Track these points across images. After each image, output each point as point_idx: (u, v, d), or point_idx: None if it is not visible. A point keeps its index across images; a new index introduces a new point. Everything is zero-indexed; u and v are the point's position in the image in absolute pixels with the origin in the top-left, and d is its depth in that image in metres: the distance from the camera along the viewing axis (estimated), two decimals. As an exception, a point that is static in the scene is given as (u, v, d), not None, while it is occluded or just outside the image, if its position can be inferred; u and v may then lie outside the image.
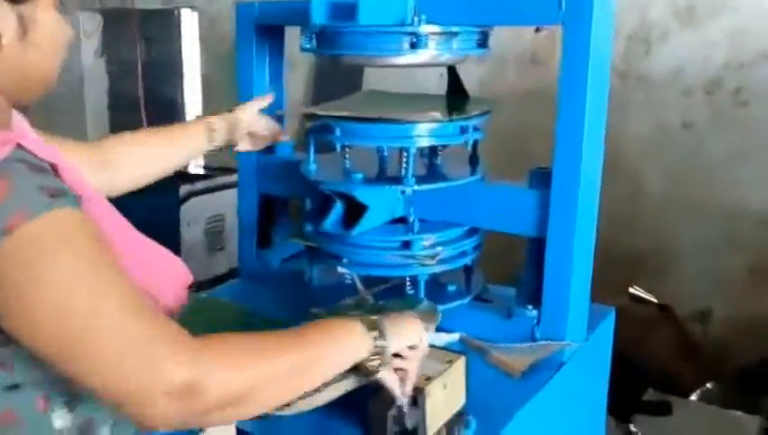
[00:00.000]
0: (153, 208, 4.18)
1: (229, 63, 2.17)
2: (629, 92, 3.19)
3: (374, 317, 1.17)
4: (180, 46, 4.83)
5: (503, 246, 1.86)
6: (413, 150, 1.57)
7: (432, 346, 1.32)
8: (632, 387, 2.59)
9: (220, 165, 4.08)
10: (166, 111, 5.06)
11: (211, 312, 1.81)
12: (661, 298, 2.95)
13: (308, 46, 1.61)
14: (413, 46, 1.52)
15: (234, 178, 3.55)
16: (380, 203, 1.59)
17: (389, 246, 1.63)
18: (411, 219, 1.65)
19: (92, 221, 0.94)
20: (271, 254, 1.99)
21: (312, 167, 1.70)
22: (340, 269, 1.63)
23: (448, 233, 1.66)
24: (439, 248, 1.64)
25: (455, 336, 1.61)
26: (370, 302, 1.58)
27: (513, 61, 3.41)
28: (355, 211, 1.55)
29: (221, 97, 3.96)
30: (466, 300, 1.71)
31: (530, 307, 1.60)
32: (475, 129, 1.64)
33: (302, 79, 4.12)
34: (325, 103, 1.77)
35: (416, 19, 1.50)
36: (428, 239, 1.64)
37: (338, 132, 1.59)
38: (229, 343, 0.98)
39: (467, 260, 1.71)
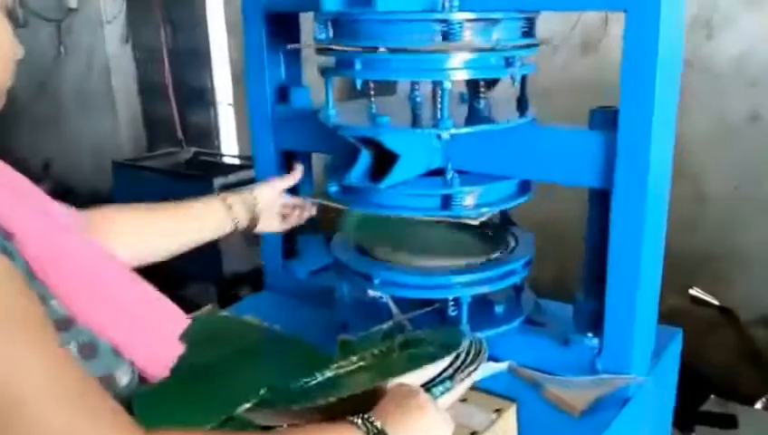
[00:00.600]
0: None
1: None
2: (690, 82, 2.91)
3: (378, 425, 0.93)
4: (207, 31, 4.67)
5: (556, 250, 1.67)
6: (447, 86, 1.32)
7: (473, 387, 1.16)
8: (693, 392, 2.44)
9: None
10: (195, 99, 4.91)
11: (234, 333, 1.65)
12: (724, 302, 2.75)
13: (322, 37, 1.39)
14: (445, 37, 1.30)
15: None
16: (413, 150, 1.38)
17: (426, 205, 1.43)
18: (449, 172, 1.43)
19: (19, 276, 0.75)
20: (297, 265, 1.82)
21: (332, 112, 1.46)
22: (371, 292, 1.46)
23: (494, 189, 1.45)
24: (485, 209, 1.43)
25: (502, 366, 1.45)
26: (407, 329, 1.41)
27: (562, 47, 3.16)
28: (385, 165, 1.36)
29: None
30: (516, 323, 1.51)
31: (590, 335, 1.41)
32: (524, 63, 1.39)
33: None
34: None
35: (447, 4, 1.29)
36: (472, 193, 1.42)
37: (358, 66, 1.35)
38: None
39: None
